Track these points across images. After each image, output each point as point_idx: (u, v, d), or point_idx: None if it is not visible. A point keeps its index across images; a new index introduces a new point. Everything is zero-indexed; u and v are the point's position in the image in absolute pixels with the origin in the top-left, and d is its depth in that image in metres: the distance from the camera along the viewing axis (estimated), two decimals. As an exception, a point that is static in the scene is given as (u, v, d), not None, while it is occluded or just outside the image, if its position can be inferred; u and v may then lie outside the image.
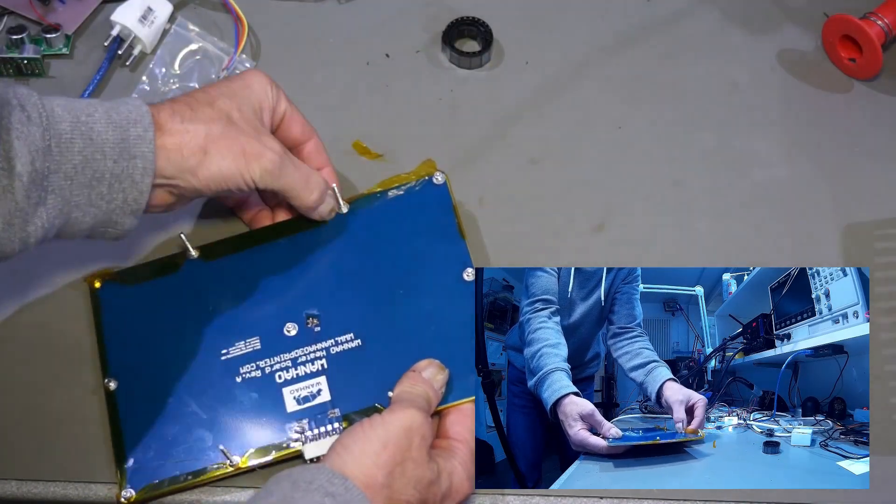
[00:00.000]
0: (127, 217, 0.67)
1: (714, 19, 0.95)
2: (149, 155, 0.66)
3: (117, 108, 0.66)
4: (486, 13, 0.92)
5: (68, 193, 0.64)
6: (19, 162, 0.61)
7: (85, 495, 0.71)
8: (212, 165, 0.68)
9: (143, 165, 0.66)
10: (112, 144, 0.65)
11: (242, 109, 0.70)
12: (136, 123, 0.66)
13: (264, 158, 0.69)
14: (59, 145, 0.63)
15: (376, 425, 0.62)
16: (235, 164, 0.68)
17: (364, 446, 0.61)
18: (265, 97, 0.73)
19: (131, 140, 0.65)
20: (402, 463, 0.61)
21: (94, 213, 0.66)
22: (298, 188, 0.72)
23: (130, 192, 0.66)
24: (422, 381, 0.68)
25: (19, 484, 0.71)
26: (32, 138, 0.62)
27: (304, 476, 0.59)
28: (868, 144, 0.88)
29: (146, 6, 0.89)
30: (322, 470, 0.59)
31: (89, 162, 0.64)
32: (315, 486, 0.58)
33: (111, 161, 0.65)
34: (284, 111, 0.75)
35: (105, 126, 0.65)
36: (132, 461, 0.69)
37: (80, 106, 0.65)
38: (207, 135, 0.68)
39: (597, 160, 0.86)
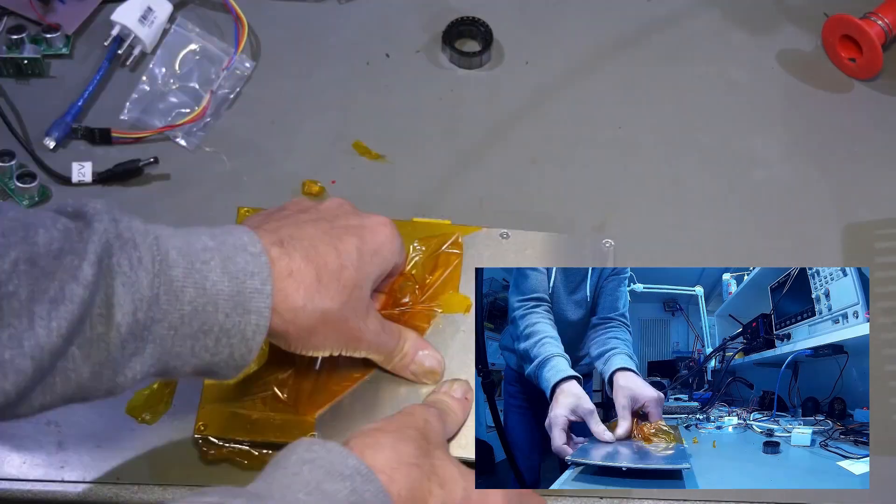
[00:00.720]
0: (230, 370, 0.62)
1: (714, 19, 0.95)
2: (265, 312, 0.60)
3: (234, 258, 0.60)
4: (486, 13, 0.92)
5: (169, 344, 0.58)
6: (120, 311, 0.55)
7: (85, 495, 0.71)
8: (312, 346, 0.64)
9: (257, 322, 0.60)
10: (226, 297, 0.59)
11: (362, 286, 0.65)
12: (254, 276, 0.60)
13: (363, 342, 0.67)
14: (169, 293, 0.57)
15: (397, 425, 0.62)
16: (334, 345, 0.65)
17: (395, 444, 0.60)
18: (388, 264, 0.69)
19: (247, 293, 0.59)
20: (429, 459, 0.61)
21: (195, 363, 0.60)
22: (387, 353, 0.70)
23: (238, 349, 0.60)
24: (435, 394, 0.70)
25: (20, 484, 0.71)
26: (139, 286, 0.55)
27: (336, 466, 0.57)
28: (868, 144, 0.88)
29: (146, 6, 0.89)
30: (352, 458, 0.57)
31: (199, 313, 0.58)
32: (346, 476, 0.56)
33: (223, 315, 0.59)
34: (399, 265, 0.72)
35: (220, 275, 0.59)
36: None
37: (195, 249, 0.59)
38: (322, 319, 0.63)
39: (597, 160, 0.86)
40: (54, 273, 0.53)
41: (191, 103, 0.87)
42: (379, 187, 0.84)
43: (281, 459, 0.57)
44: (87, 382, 0.56)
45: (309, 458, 0.56)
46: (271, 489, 0.55)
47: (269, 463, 0.57)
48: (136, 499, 0.70)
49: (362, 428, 0.62)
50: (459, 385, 0.71)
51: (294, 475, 0.55)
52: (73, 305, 0.53)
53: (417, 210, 0.81)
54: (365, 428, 0.62)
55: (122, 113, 0.87)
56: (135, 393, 0.73)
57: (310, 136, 0.87)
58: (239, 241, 0.61)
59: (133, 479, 0.71)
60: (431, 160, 0.86)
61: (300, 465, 0.56)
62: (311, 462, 0.56)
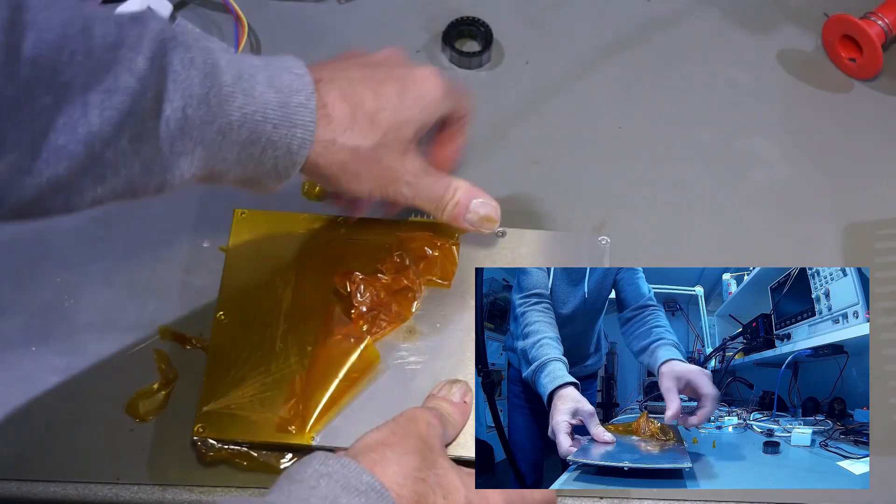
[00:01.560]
0: (272, 181, 0.64)
1: (714, 19, 0.95)
2: (310, 126, 0.62)
3: (279, 76, 0.62)
4: (486, 13, 0.92)
5: (217, 148, 0.60)
6: (169, 106, 0.56)
7: (85, 495, 0.71)
8: (343, 181, 0.66)
9: (303, 136, 0.62)
10: (274, 107, 0.61)
11: (400, 128, 0.67)
12: (299, 92, 0.62)
13: (400, 182, 0.68)
14: (219, 96, 0.59)
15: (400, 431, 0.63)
16: (369, 186, 0.67)
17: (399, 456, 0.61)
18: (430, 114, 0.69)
19: (293, 106, 0.61)
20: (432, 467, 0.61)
21: (240, 171, 0.62)
22: (435, 202, 0.71)
23: (283, 161, 0.63)
24: (434, 399, 0.70)
25: (19, 484, 0.71)
26: (190, 83, 0.57)
27: (351, 481, 0.57)
28: (868, 144, 0.88)
29: (146, 6, 0.89)
30: (366, 474, 0.58)
31: (247, 121, 0.60)
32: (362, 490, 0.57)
33: (271, 126, 0.61)
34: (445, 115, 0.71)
35: (267, 87, 0.61)
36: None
37: (244, 63, 0.61)
38: (354, 155, 0.65)
39: (597, 160, 0.86)
40: (109, 65, 0.54)
41: (191, 103, 0.87)
42: (379, 187, 0.84)
43: (295, 473, 0.58)
44: (138, 178, 0.57)
45: (325, 472, 0.57)
46: (290, 501, 0.55)
47: (283, 476, 0.58)
48: (136, 499, 0.70)
49: (365, 438, 0.62)
50: (458, 388, 0.70)
51: (311, 488, 0.56)
52: (125, 96, 0.54)
53: (417, 211, 0.81)
54: (369, 439, 0.62)
55: (122, 113, 0.87)
56: (135, 392, 0.73)
57: (310, 136, 0.87)
58: (284, 64, 0.63)
59: (133, 479, 0.71)
60: (431, 160, 0.86)
61: (317, 478, 0.56)
62: (328, 476, 0.57)
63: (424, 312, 0.75)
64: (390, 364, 0.73)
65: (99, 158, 0.55)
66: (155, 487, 0.71)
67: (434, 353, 0.73)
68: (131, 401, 0.73)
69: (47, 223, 0.81)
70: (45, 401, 0.74)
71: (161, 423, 0.73)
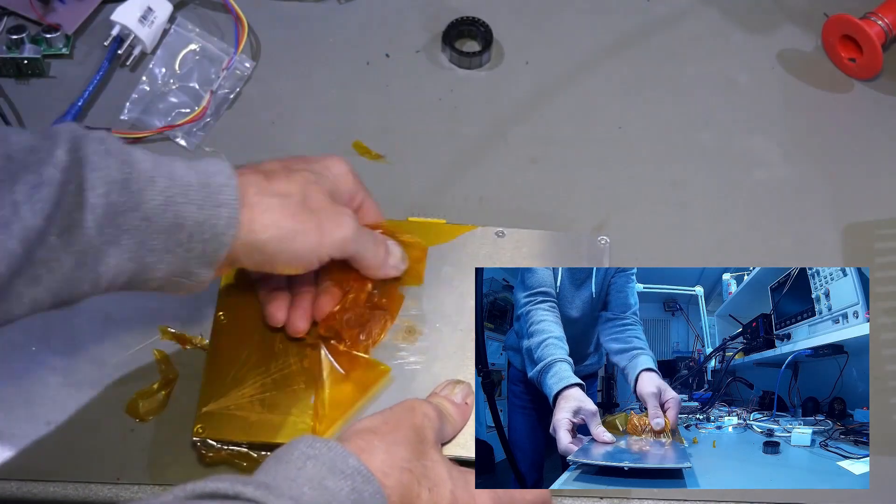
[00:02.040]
0: (204, 268, 0.62)
1: (714, 19, 0.95)
2: (233, 204, 0.61)
3: (198, 161, 0.63)
4: (486, 13, 0.92)
5: (145, 235, 0.59)
6: (93, 193, 0.57)
7: (85, 495, 0.71)
8: (293, 243, 0.64)
9: (229, 215, 0.61)
10: (196, 188, 0.60)
11: (320, 183, 0.67)
12: (219, 173, 0.62)
13: (344, 227, 0.67)
14: (139, 181, 0.59)
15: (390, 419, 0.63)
16: (310, 240, 0.65)
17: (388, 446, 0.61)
18: (343, 182, 0.70)
19: (215, 186, 0.61)
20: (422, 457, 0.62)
21: (171, 261, 0.61)
22: (372, 251, 0.70)
23: (211, 244, 0.61)
24: (436, 397, 0.70)
25: (19, 484, 0.71)
26: (109, 170, 0.58)
27: (337, 464, 0.58)
28: (868, 144, 0.88)
29: (146, 6, 0.89)
30: (352, 458, 0.59)
31: (171, 204, 0.60)
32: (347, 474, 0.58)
33: (195, 206, 0.60)
34: (361, 201, 0.72)
35: (186, 170, 0.61)
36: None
37: (159, 154, 0.61)
38: (283, 208, 0.64)
39: (597, 160, 0.86)
40: (31, 164, 0.57)
41: (191, 103, 0.87)
42: (379, 187, 0.83)
43: (283, 454, 0.58)
44: (71, 273, 0.58)
45: (312, 454, 0.58)
46: (277, 481, 0.56)
47: (270, 457, 0.59)
48: (136, 499, 0.70)
49: (357, 425, 0.63)
50: (461, 389, 0.71)
51: (298, 469, 0.57)
52: (50, 188, 0.56)
53: (417, 210, 0.81)
54: (360, 426, 0.63)
55: (122, 113, 0.87)
56: (135, 393, 0.73)
57: (310, 136, 0.87)
58: (201, 151, 0.65)
59: (133, 479, 0.71)
60: (431, 160, 0.86)
61: (304, 459, 0.57)
62: (315, 458, 0.57)
63: (425, 313, 0.75)
64: (391, 364, 0.73)
65: (32, 257, 0.56)
66: (155, 487, 0.71)
67: (434, 353, 0.73)
68: (131, 401, 0.73)
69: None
70: (45, 401, 0.74)
71: (161, 423, 0.73)
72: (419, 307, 0.75)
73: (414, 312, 0.75)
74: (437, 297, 0.76)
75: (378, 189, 0.83)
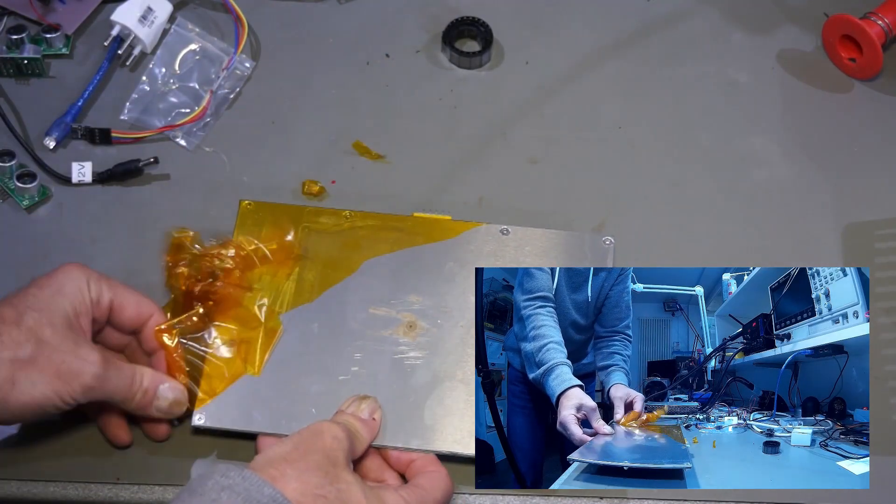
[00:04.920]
0: None
1: (714, 19, 0.95)
2: None
3: None
4: (486, 13, 0.92)
5: None
6: None
7: (85, 495, 0.71)
8: (22, 395, 0.62)
9: None
10: None
11: (54, 322, 0.64)
12: None
13: (84, 375, 0.64)
14: None
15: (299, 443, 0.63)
16: (50, 387, 0.63)
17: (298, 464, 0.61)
18: (80, 300, 0.67)
19: None
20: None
21: None
22: (123, 393, 0.67)
23: None
24: (343, 415, 0.69)
25: (19, 484, 0.71)
26: None
27: (252, 493, 0.58)
28: (868, 144, 0.88)
29: (146, 6, 0.89)
30: (268, 487, 0.58)
31: None
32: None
33: None
34: (110, 301, 0.69)
35: None
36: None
37: None
38: (14, 362, 0.62)
39: (597, 160, 0.86)
40: None
41: (191, 103, 0.87)
42: (379, 187, 0.84)
43: (197, 485, 0.58)
44: None
45: (227, 485, 0.58)
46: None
47: (184, 489, 0.59)
48: (135, 499, 0.70)
49: (267, 452, 0.62)
50: (367, 404, 0.70)
51: (213, 501, 0.57)
52: None
53: (417, 210, 0.81)
54: (271, 454, 0.62)
55: (122, 113, 0.87)
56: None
57: (310, 136, 0.87)
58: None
59: (133, 479, 0.71)
60: (431, 160, 0.86)
61: (218, 490, 0.57)
62: (230, 489, 0.57)
63: (425, 308, 0.75)
64: (390, 358, 0.73)
65: None
66: (155, 487, 0.71)
67: (434, 348, 0.73)
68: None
69: (47, 223, 0.81)
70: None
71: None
72: (421, 302, 0.75)
73: (416, 307, 0.75)
74: (438, 292, 0.76)
75: (378, 189, 0.84)
